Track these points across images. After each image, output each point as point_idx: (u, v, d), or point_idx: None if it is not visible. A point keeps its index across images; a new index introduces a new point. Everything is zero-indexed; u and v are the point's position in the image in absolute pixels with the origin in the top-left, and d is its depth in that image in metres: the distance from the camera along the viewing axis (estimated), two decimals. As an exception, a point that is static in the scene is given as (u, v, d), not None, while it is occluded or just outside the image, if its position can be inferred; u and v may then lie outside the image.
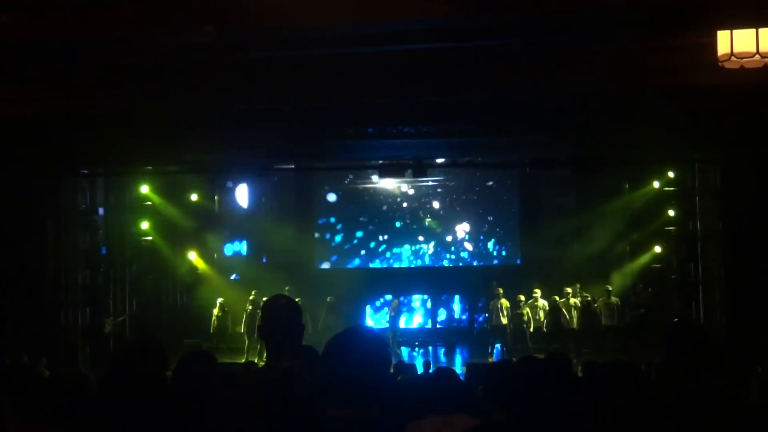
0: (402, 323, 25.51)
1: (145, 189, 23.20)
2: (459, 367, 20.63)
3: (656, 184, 22.88)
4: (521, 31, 9.89)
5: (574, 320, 22.60)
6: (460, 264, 26.84)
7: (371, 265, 26.88)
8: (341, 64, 11.90)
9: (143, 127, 15.81)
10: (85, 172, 20.96)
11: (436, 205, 26.77)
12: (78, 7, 9.22)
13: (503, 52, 11.32)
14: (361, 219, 26.97)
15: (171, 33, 9.05)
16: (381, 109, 14.85)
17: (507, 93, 13.43)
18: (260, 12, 8.95)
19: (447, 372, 6.49)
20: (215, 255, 26.36)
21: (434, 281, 26.47)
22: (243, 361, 20.16)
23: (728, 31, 9.12)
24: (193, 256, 25.31)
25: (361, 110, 14.86)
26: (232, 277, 26.26)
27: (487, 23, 9.25)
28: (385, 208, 26.82)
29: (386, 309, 25.12)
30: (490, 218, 26.77)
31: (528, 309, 22.85)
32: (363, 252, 27.02)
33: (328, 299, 23.90)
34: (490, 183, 26.62)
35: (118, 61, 11.43)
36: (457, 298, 27.08)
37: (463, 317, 26.98)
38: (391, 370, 14.43)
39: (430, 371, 14.28)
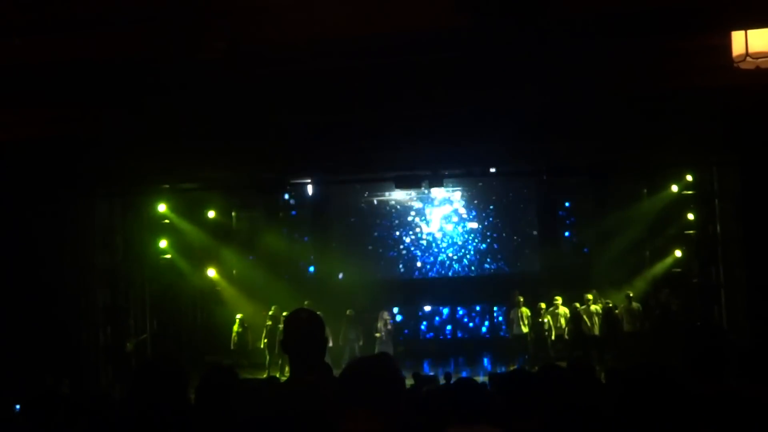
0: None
1: (162, 207, 23.27)
2: (481, 377, 20.54)
3: (675, 188, 22.78)
4: (535, 37, 9.85)
5: (596, 327, 22.54)
6: (480, 273, 26.74)
7: (390, 277, 26.76)
8: (357, 76, 11.87)
9: (159, 145, 15.86)
10: (103, 191, 21.03)
11: (453, 214, 26.70)
12: (89, 28, 9.25)
13: (518, 58, 11.28)
14: (379, 231, 26.93)
15: (183, 50, 9.06)
16: (398, 121, 14.83)
17: (522, 102, 13.41)
18: (275, 26, 8.95)
19: (469, 382, 6.47)
20: (234, 271, 26.37)
21: (454, 291, 26.41)
22: (265, 376, 20.14)
23: (743, 32, 9.07)
24: (211, 273, 25.32)
25: (378, 122, 14.85)
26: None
27: (501, 30, 9.22)
28: (401, 218, 26.78)
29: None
30: (508, 227, 26.69)
31: (549, 317, 22.84)
32: (382, 263, 26.96)
33: (347, 312, 23.80)
34: (507, 191, 26.54)
35: (133, 80, 11.45)
36: (477, 307, 27.02)
37: (485, 327, 26.91)
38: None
39: (452, 382, 14.23)
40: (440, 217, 26.75)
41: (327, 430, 3.66)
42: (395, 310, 26.02)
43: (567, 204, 26.02)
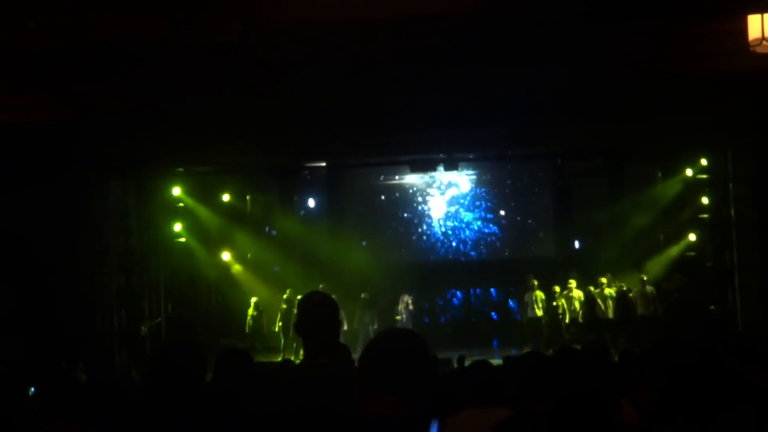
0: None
1: (176, 191, 23.27)
2: (495, 360, 20.53)
3: (689, 172, 22.70)
4: (547, 21, 9.82)
5: (610, 310, 22.51)
6: (494, 257, 26.66)
7: (405, 260, 26.68)
8: (372, 60, 11.85)
9: (173, 129, 15.87)
10: (117, 175, 21.06)
11: (467, 198, 26.64)
12: (104, 11, 9.25)
13: (531, 43, 11.25)
14: (393, 214, 26.87)
15: (196, 33, 9.06)
16: (413, 105, 14.80)
17: (536, 84, 13.37)
18: (290, 10, 8.93)
19: (483, 365, 6.48)
20: (248, 255, 26.38)
21: (468, 274, 26.37)
22: (279, 359, 20.18)
23: (759, 16, 9.03)
24: (226, 256, 25.34)
25: (393, 106, 14.82)
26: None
27: (510, 15, 9.20)
28: (416, 202, 26.73)
29: None
30: (523, 210, 26.62)
31: (563, 300, 22.82)
32: (396, 247, 26.90)
33: (362, 295, 23.80)
34: (522, 175, 26.47)
35: (146, 63, 11.46)
36: (492, 291, 27.01)
37: (499, 310, 26.90)
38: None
39: (466, 365, 14.24)
40: (454, 200, 26.67)
41: (341, 413, 3.66)
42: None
43: (581, 187, 25.89)
